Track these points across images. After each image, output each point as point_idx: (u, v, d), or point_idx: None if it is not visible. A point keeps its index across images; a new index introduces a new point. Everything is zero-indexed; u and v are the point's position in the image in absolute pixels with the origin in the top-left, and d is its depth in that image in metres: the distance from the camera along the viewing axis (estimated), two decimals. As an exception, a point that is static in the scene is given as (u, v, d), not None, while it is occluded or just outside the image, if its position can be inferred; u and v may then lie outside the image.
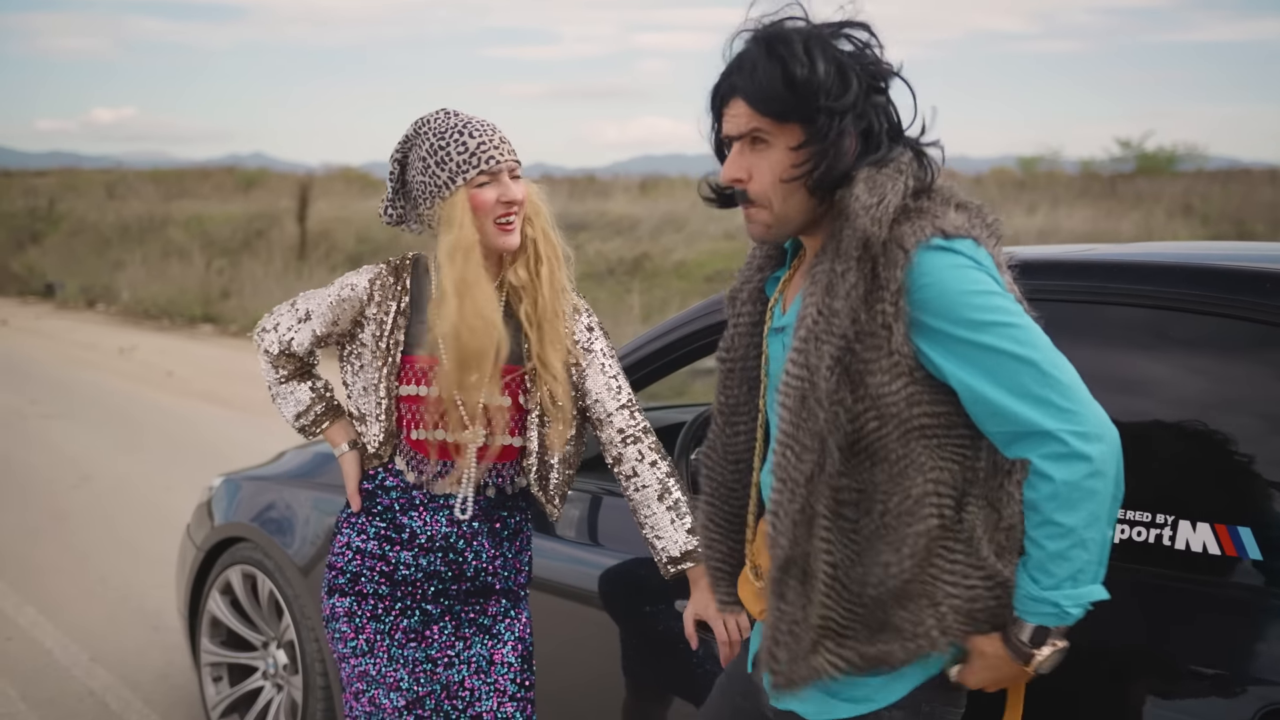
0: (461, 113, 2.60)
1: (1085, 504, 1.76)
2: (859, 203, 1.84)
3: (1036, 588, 1.81)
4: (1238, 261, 2.41)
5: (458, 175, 2.52)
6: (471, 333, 2.51)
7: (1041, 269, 2.46)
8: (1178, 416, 2.29)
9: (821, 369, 1.83)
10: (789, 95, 1.86)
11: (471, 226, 2.53)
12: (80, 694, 4.65)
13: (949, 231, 1.83)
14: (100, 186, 33.28)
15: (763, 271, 2.13)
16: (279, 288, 18.18)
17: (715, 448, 2.17)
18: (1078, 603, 1.81)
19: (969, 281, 1.81)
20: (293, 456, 4.11)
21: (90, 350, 14.50)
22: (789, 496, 1.87)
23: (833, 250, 1.87)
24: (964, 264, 1.82)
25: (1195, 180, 22.37)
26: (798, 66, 1.85)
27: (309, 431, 2.83)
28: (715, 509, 2.19)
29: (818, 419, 1.84)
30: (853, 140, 1.89)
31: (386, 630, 2.69)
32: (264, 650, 3.95)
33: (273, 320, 2.79)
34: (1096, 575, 1.81)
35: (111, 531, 6.81)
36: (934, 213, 1.86)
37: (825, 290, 1.85)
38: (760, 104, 1.88)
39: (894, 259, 1.82)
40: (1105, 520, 1.79)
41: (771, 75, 1.86)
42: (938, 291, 1.80)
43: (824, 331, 1.84)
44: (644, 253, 18.86)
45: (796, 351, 1.87)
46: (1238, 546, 2.14)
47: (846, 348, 1.83)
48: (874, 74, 1.89)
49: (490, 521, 2.69)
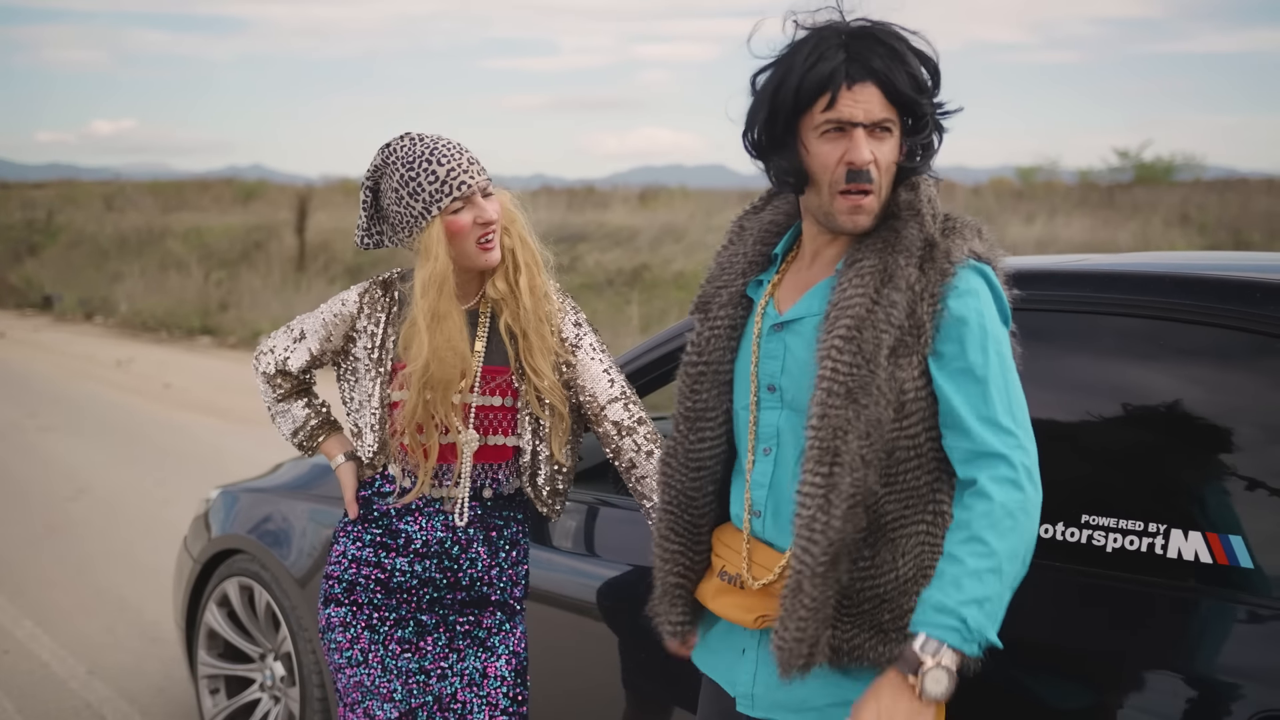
0: (426, 136, 2.61)
1: (1012, 534, 1.82)
2: (929, 206, 1.98)
3: (946, 599, 1.80)
4: (1232, 272, 2.42)
5: (432, 205, 2.55)
6: (441, 363, 2.56)
7: (1039, 279, 2.47)
8: (1171, 426, 2.30)
9: (880, 356, 1.89)
10: (916, 91, 1.95)
11: (445, 257, 2.56)
12: (78, 707, 4.65)
13: (981, 255, 1.98)
14: (99, 198, 33.30)
15: (745, 276, 2.15)
16: (277, 300, 18.20)
17: (676, 454, 2.16)
18: (980, 630, 1.78)
19: (989, 308, 1.95)
20: (290, 468, 4.12)
21: (88, 362, 14.50)
22: (849, 480, 1.88)
23: (885, 246, 1.95)
24: (987, 289, 1.96)
25: (1193, 190, 22.39)
26: (922, 65, 1.97)
27: (306, 447, 2.87)
28: (674, 518, 2.17)
29: (878, 404, 1.89)
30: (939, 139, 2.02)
31: (381, 641, 2.70)
32: (261, 662, 3.95)
33: (269, 344, 2.87)
34: (997, 617, 1.81)
35: (109, 543, 6.81)
36: (966, 235, 1.99)
37: (882, 281, 1.92)
38: (895, 95, 1.94)
39: (942, 268, 1.93)
40: (1018, 564, 1.83)
41: (910, 70, 1.95)
42: (965, 307, 1.92)
43: (882, 320, 1.90)
44: (643, 264, 18.88)
45: (843, 339, 1.91)
46: (1229, 555, 2.15)
47: (900, 339, 1.91)
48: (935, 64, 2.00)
49: (486, 529, 2.70)
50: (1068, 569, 2.29)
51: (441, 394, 2.59)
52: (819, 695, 2.00)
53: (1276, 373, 2.19)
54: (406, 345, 2.59)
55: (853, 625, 1.96)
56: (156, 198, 33.24)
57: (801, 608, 1.91)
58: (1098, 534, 2.27)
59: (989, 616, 1.79)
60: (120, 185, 37.18)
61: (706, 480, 2.15)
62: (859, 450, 1.88)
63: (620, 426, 2.67)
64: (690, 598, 2.20)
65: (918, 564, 1.95)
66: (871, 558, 1.94)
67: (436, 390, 2.58)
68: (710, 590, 2.15)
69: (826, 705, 1.99)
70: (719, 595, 2.13)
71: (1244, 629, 2.12)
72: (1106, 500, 2.28)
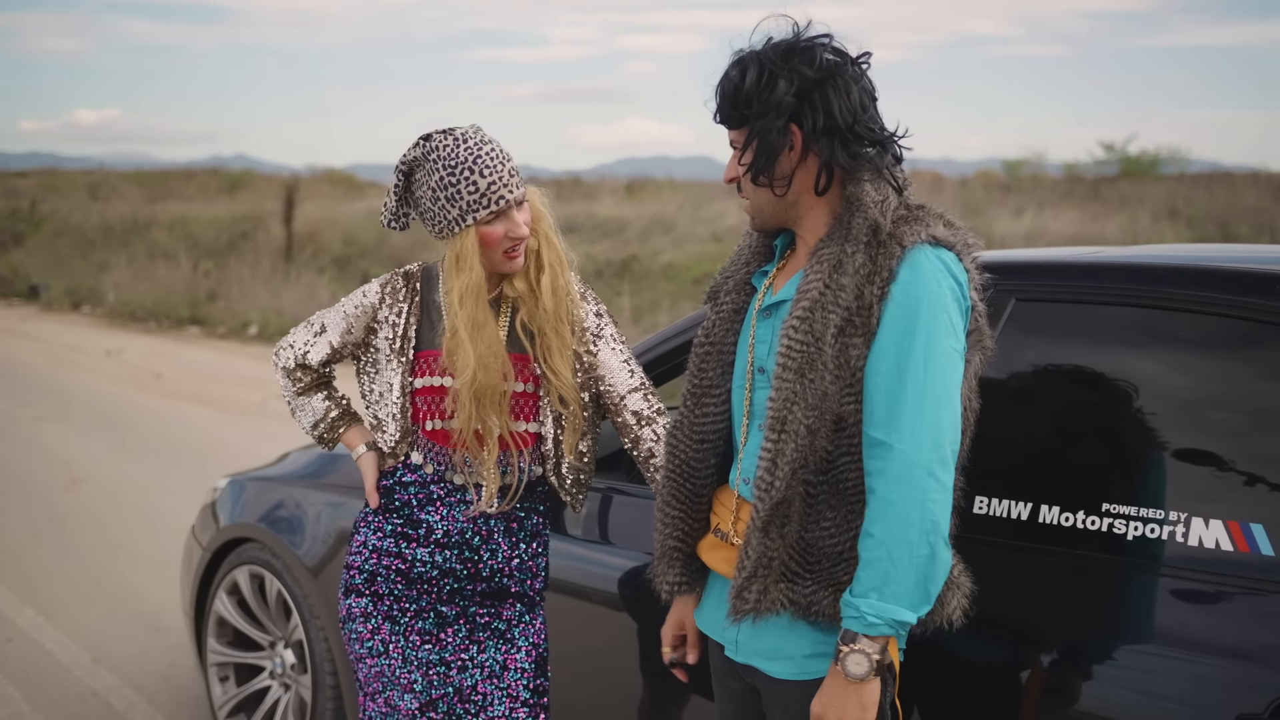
0: (469, 138, 2.59)
1: (895, 520, 1.99)
2: (869, 197, 2.10)
3: (849, 594, 2.03)
4: (1246, 263, 2.45)
5: (468, 214, 2.57)
6: (486, 370, 2.59)
7: (1054, 270, 2.50)
8: (1190, 415, 2.33)
9: (827, 335, 2.05)
10: (729, 106, 2.16)
11: (480, 267, 2.59)
12: (83, 695, 4.66)
13: (939, 239, 2.10)
14: (82, 188, 33.15)
15: (749, 266, 2.33)
16: (266, 290, 18.16)
17: (682, 426, 2.34)
18: (880, 615, 1.99)
19: (938, 292, 2.05)
20: (298, 457, 4.13)
21: (77, 352, 14.45)
22: (793, 446, 2.06)
23: (841, 235, 2.11)
24: (942, 273, 2.07)
25: (1178, 183, 22.49)
26: (730, 81, 2.14)
27: (326, 440, 2.88)
28: (677, 484, 2.35)
29: (823, 379, 2.06)
30: (791, 135, 2.11)
31: (402, 631, 2.71)
32: (271, 650, 3.97)
33: (289, 339, 2.88)
34: (906, 598, 2.00)
35: (106, 533, 6.81)
36: (927, 222, 2.12)
37: (832, 269, 2.08)
38: (719, 117, 2.19)
39: (891, 251, 2.07)
40: (915, 548, 1.99)
41: (720, 92, 2.17)
42: (908, 288, 2.04)
43: (830, 303, 2.06)
44: (632, 255, 18.90)
45: (799, 320, 2.08)
46: (1250, 543, 2.18)
47: (848, 319, 2.06)
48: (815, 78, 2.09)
49: (507, 520, 2.72)
50: (1089, 556, 2.32)
51: (490, 399, 2.61)
52: (793, 646, 2.17)
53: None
54: (451, 357, 2.60)
55: (814, 582, 2.13)
56: (141, 187, 33.12)
57: (747, 559, 2.13)
58: (1119, 522, 2.30)
59: (891, 599, 1.99)
60: (104, 174, 37.00)
61: (709, 452, 2.32)
62: (804, 419, 2.06)
63: (640, 416, 2.70)
64: (687, 559, 2.38)
65: None
66: (833, 518, 2.11)
67: (486, 396, 2.61)
68: (706, 545, 2.35)
69: (801, 656, 2.17)
70: (712, 550, 2.33)
71: (1265, 616, 2.16)
72: (1128, 489, 2.31)
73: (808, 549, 2.12)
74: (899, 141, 2.15)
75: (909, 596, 1.99)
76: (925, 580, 2.00)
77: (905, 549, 1.98)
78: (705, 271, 17.51)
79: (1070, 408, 2.48)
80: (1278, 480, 2.21)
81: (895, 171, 2.15)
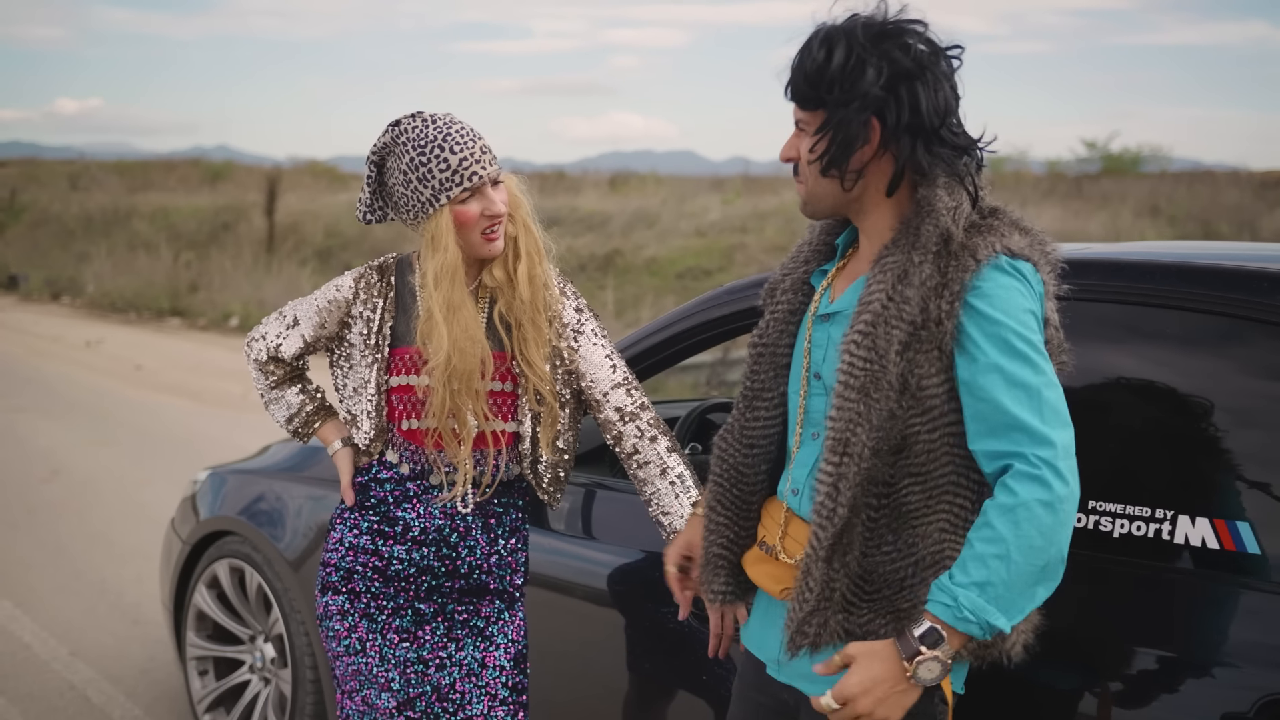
0: (438, 118, 2.56)
1: (1028, 525, 1.83)
2: (942, 203, 1.96)
3: (948, 579, 1.87)
4: (1239, 261, 2.45)
5: (441, 193, 2.52)
6: (461, 354, 2.53)
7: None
8: (1179, 413, 2.32)
9: (890, 352, 1.93)
10: (806, 86, 2.00)
11: (455, 247, 2.54)
12: (61, 688, 4.62)
13: (1015, 251, 1.96)
14: (62, 177, 32.93)
15: (809, 264, 2.22)
16: (248, 281, 18.08)
17: (733, 430, 2.23)
18: (976, 613, 1.84)
19: (1019, 308, 1.92)
20: (279, 450, 4.10)
21: (57, 343, 14.36)
22: (855, 470, 1.94)
23: (908, 243, 1.97)
24: (1020, 289, 1.94)
25: (1160, 182, 22.57)
26: (812, 59, 1.98)
27: (301, 434, 2.85)
28: (724, 491, 2.23)
29: (888, 398, 1.93)
30: (871, 129, 1.97)
31: (379, 629, 2.68)
32: (251, 644, 3.94)
33: (261, 330, 2.82)
34: (1006, 604, 1.85)
35: (85, 525, 6.76)
36: (1002, 231, 1.98)
37: (897, 279, 1.95)
38: (791, 93, 2.04)
39: (965, 264, 1.93)
40: (1037, 555, 1.84)
41: (797, 67, 2.02)
42: (991, 304, 1.91)
43: (894, 317, 1.93)
44: (615, 249, 18.87)
45: (861, 334, 1.96)
46: (1236, 541, 2.18)
47: (914, 334, 1.93)
48: (907, 69, 1.95)
49: (485, 516, 2.69)
50: (1076, 554, 2.31)
51: (465, 385, 2.56)
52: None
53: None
54: (425, 339, 2.55)
55: (870, 610, 1.99)
56: (122, 178, 32.91)
57: (808, 590, 1.99)
58: (1104, 520, 2.30)
59: (992, 600, 1.84)
60: (85, 164, 36.77)
61: (759, 458, 2.21)
62: (867, 441, 1.93)
63: (623, 412, 2.66)
64: (733, 568, 2.27)
65: (937, 553, 1.98)
66: (894, 542, 1.98)
67: (460, 381, 2.55)
68: (751, 558, 2.24)
69: None
70: (757, 563, 2.22)
71: (1250, 614, 2.16)
72: (1114, 486, 2.31)
73: (867, 576, 1.99)
74: (983, 147, 2.03)
75: (1014, 604, 1.85)
76: (1032, 592, 1.86)
77: (1028, 554, 1.83)
78: (688, 266, 17.49)
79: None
80: (1265, 478, 2.20)
81: (975, 177, 2.02)
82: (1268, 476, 2.20)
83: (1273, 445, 2.21)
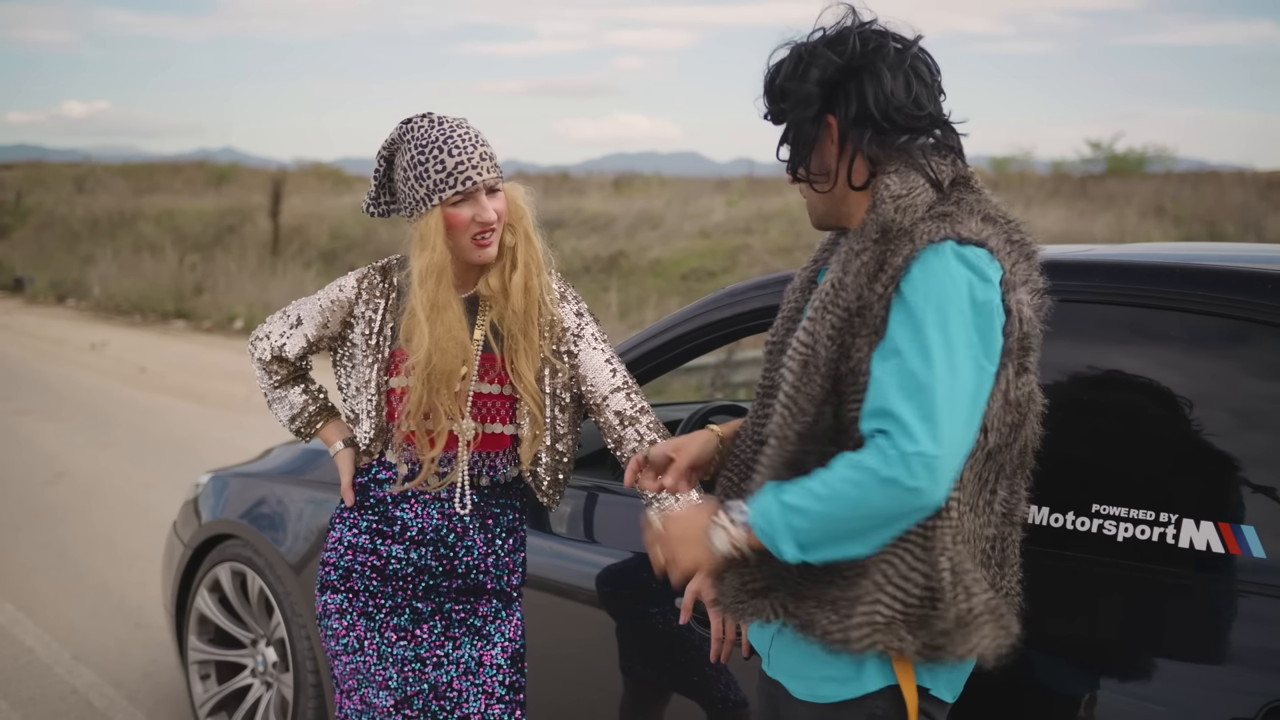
0: (446, 120, 2.58)
1: (857, 488, 1.84)
2: (887, 191, 1.98)
3: (778, 487, 1.93)
4: (1242, 263, 2.44)
5: (434, 194, 2.53)
6: (443, 354, 2.55)
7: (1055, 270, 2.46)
8: (1182, 416, 2.31)
9: (823, 337, 1.97)
10: (768, 102, 2.09)
11: (443, 248, 2.55)
12: (63, 692, 4.62)
13: (964, 236, 1.92)
14: (68, 180, 33.00)
15: (816, 263, 2.25)
16: (253, 284, 18.10)
17: (746, 426, 2.25)
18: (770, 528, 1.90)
19: (947, 297, 1.88)
20: (281, 453, 4.09)
21: (61, 346, 14.39)
22: (777, 451, 2.00)
23: (856, 232, 2.01)
24: (961, 276, 1.89)
25: (1165, 182, 22.53)
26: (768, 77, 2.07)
27: (304, 433, 2.86)
28: (732, 485, 2.23)
29: (815, 384, 1.97)
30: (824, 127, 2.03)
31: (377, 628, 2.69)
32: (253, 648, 3.93)
33: (265, 329, 2.84)
34: (802, 537, 1.89)
35: (89, 528, 6.76)
36: (957, 219, 1.96)
37: (842, 267, 1.99)
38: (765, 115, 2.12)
39: (901, 249, 1.93)
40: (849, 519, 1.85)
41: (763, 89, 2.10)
42: (914, 290, 1.90)
43: (832, 304, 1.98)
44: (620, 250, 18.87)
45: (809, 320, 2.00)
46: (1241, 545, 2.17)
47: (848, 320, 1.96)
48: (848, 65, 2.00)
49: (483, 517, 2.69)
50: (1079, 558, 2.30)
51: (444, 384, 2.57)
52: (809, 667, 2.06)
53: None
54: (408, 336, 2.57)
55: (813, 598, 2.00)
56: (127, 180, 32.97)
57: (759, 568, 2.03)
58: (1108, 524, 2.28)
59: (789, 526, 1.89)
60: (90, 167, 36.84)
61: None
62: (795, 427, 1.98)
63: (623, 416, 2.66)
64: None
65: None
66: None
67: (439, 380, 2.57)
68: None
69: (816, 678, 2.06)
70: None
71: (1256, 618, 2.14)
72: (1118, 490, 2.29)
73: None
74: (943, 127, 2.03)
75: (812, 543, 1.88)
76: (835, 544, 1.88)
77: (844, 508, 1.85)
78: (692, 267, 17.49)
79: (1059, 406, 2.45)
80: (1269, 481, 2.19)
81: (935, 162, 2.01)
82: (1272, 479, 2.18)
83: (1277, 448, 2.19)
